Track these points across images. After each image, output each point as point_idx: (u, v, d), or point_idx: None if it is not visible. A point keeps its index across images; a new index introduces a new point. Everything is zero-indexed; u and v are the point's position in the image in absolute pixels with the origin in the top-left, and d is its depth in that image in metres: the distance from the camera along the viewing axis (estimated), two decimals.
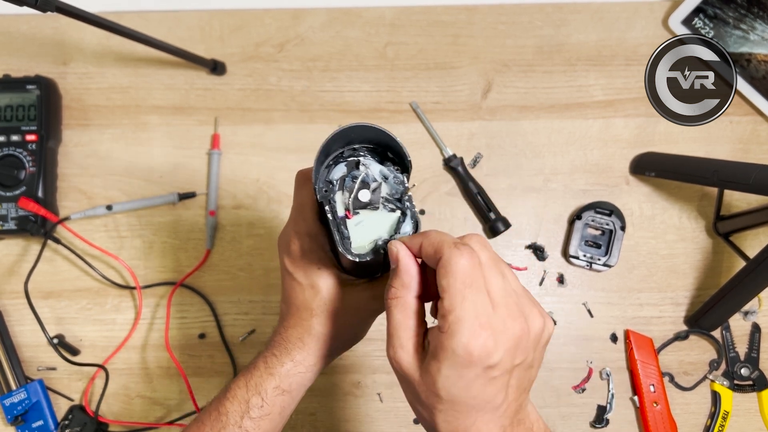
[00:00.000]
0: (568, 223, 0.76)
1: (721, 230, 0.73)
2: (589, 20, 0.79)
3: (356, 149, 0.41)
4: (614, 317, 0.74)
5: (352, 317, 0.47)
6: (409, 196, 0.40)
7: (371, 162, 0.41)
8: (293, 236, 0.46)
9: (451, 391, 0.35)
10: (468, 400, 0.35)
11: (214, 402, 0.48)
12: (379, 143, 0.41)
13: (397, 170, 0.41)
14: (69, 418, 0.71)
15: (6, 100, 0.74)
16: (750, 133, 0.77)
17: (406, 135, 0.77)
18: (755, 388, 0.72)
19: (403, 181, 0.41)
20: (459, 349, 0.33)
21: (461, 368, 0.34)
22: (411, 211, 0.40)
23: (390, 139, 0.39)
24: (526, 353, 0.36)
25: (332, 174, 0.41)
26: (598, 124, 0.77)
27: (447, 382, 0.35)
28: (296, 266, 0.46)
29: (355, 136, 0.40)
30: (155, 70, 0.78)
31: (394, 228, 0.40)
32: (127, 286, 0.74)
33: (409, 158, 0.40)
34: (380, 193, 0.41)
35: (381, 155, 0.42)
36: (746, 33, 0.75)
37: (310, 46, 0.79)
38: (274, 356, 0.47)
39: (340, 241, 0.39)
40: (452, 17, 0.79)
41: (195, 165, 0.77)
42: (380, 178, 0.41)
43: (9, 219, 0.72)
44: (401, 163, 0.41)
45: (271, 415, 0.46)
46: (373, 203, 0.40)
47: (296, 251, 0.46)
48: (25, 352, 0.74)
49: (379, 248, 0.39)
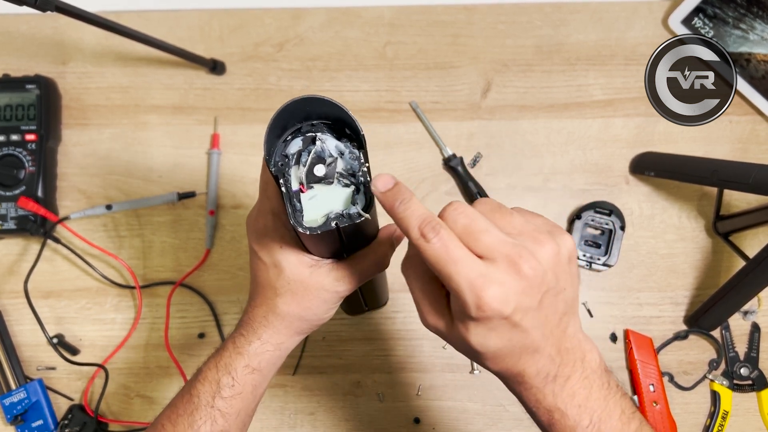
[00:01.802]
0: (567, 223, 0.76)
1: (720, 230, 0.73)
2: (589, 20, 0.79)
3: (314, 125, 0.41)
4: (614, 317, 0.74)
5: (315, 298, 0.46)
6: (363, 171, 0.40)
7: (328, 137, 0.41)
8: (257, 215, 0.46)
9: (486, 345, 0.36)
10: (505, 348, 0.36)
11: (185, 386, 0.48)
12: (335, 119, 0.41)
13: (354, 146, 0.41)
14: (69, 417, 0.71)
15: (5, 99, 0.74)
16: (749, 132, 0.77)
17: (406, 135, 0.77)
18: (755, 388, 0.72)
19: (359, 157, 0.41)
20: (473, 313, 0.34)
21: (485, 326, 0.35)
22: (366, 186, 0.40)
23: (343, 113, 0.39)
24: (546, 283, 0.35)
25: (288, 148, 0.41)
26: (597, 123, 0.77)
27: (478, 338, 0.36)
28: (260, 245, 0.46)
29: (312, 111, 0.40)
30: (155, 70, 0.78)
31: (348, 202, 0.40)
32: (126, 285, 0.74)
33: (362, 132, 0.40)
34: (335, 168, 0.41)
35: (338, 132, 0.42)
36: (746, 33, 0.75)
37: (310, 46, 0.79)
38: (242, 336, 0.47)
39: (292, 214, 0.39)
40: (451, 17, 0.79)
41: (194, 165, 0.77)
42: (336, 154, 0.41)
43: (8, 218, 0.72)
44: (357, 138, 0.41)
45: (242, 394, 0.47)
46: (327, 178, 0.40)
47: (260, 229, 0.46)
48: (24, 351, 0.74)
49: (330, 221, 0.39)
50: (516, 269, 0.34)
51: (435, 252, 0.34)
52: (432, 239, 0.34)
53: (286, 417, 0.73)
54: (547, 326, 0.37)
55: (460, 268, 0.34)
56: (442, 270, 0.34)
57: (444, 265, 0.34)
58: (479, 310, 0.34)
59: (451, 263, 0.34)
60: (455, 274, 0.34)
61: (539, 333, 0.36)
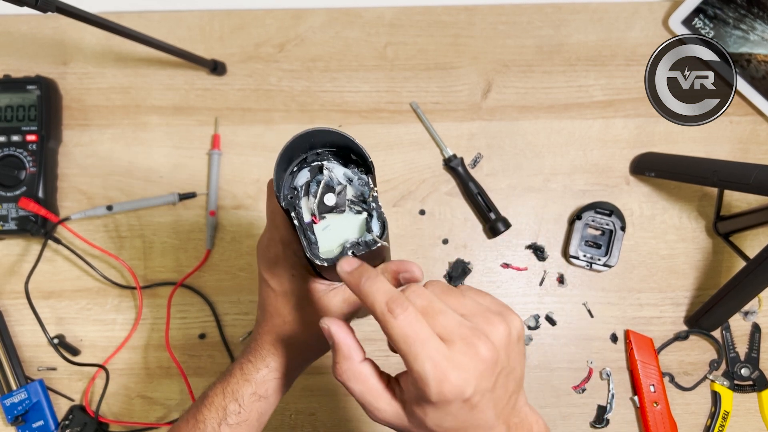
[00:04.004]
0: (568, 223, 0.76)
1: (721, 230, 0.73)
2: (589, 20, 0.79)
3: (319, 153, 0.41)
4: (614, 317, 0.74)
5: None
6: (374, 196, 0.40)
7: (335, 165, 0.41)
8: (268, 244, 0.47)
9: (442, 426, 0.36)
10: (461, 428, 0.36)
11: (191, 410, 0.48)
12: (341, 146, 0.41)
13: (361, 171, 0.41)
14: (69, 418, 0.71)
15: (6, 100, 0.74)
16: (750, 133, 0.77)
17: (406, 135, 0.77)
18: (755, 388, 0.72)
19: (368, 182, 0.41)
20: (433, 397, 0.34)
21: (443, 410, 0.35)
22: (377, 211, 0.40)
23: (349, 141, 0.39)
24: (500, 363, 0.36)
25: (296, 180, 0.41)
26: (597, 124, 0.78)
27: (435, 421, 0.36)
28: (271, 273, 0.47)
29: (316, 140, 0.40)
30: (155, 70, 0.78)
31: (363, 229, 0.40)
32: (127, 286, 0.75)
33: (370, 159, 0.40)
34: (345, 195, 0.41)
35: (344, 158, 0.41)
36: (746, 33, 0.75)
37: (310, 47, 0.79)
38: (249, 362, 0.48)
39: (308, 247, 0.39)
40: (452, 17, 0.79)
41: (195, 165, 0.77)
42: (344, 181, 0.41)
43: (9, 219, 0.73)
44: (365, 164, 0.41)
45: (248, 421, 0.47)
46: (339, 206, 0.40)
47: (271, 259, 0.46)
48: (25, 352, 0.74)
49: (346, 250, 0.39)
50: (474, 351, 0.35)
51: (402, 329, 0.34)
52: (399, 315, 0.34)
53: (287, 417, 0.73)
54: (500, 404, 0.37)
55: (424, 349, 0.34)
56: (408, 348, 0.34)
57: (411, 344, 0.34)
58: (440, 394, 0.34)
59: (419, 342, 0.34)
60: (420, 354, 0.34)
61: (493, 412, 0.37)
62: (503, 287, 0.75)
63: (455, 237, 0.76)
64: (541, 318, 0.74)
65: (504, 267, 0.75)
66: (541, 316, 0.74)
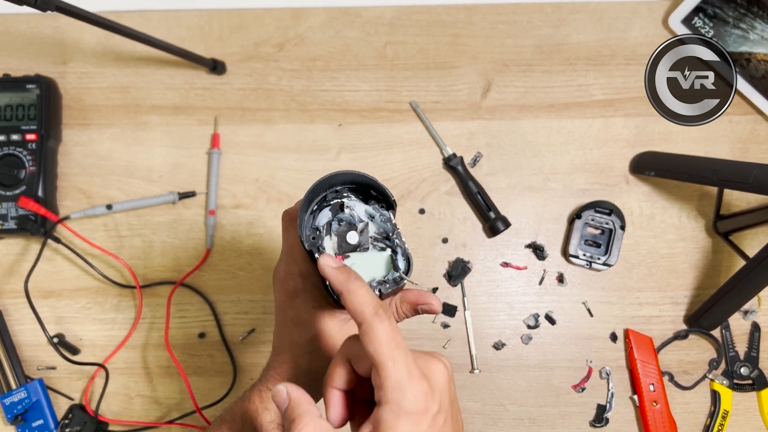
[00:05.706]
0: (567, 223, 0.76)
1: (720, 229, 0.73)
2: (589, 20, 0.79)
3: (338, 191, 0.41)
4: (614, 316, 0.74)
5: None
6: (397, 232, 0.40)
7: (356, 203, 0.41)
8: (285, 276, 0.46)
9: None
10: None
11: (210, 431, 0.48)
12: (360, 183, 0.41)
13: (382, 207, 0.41)
14: (69, 417, 0.71)
15: (6, 99, 0.74)
16: (749, 132, 0.77)
17: (406, 134, 0.77)
18: (755, 388, 0.72)
19: (390, 218, 0.40)
20: (409, 407, 0.34)
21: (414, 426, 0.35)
22: (401, 248, 0.40)
23: (371, 180, 0.39)
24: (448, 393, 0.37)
25: (318, 220, 0.41)
26: (597, 123, 0.78)
27: None
28: (291, 306, 0.46)
29: (336, 180, 0.40)
30: (155, 70, 0.78)
31: (389, 267, 0.40)
32: (127, 285, 0.75)
33: (392, 198, 0.40)
34: (368, 233, 0.40)
35: (364, 193, 0.41)
36: (746, 32, 0.75)
37: (310, 46, 0.79)
38: (269, 390, 0.47)
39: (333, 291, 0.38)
40: (452, 17, 0.79)
41: (195, 164, 0.77)
42: (366, 218, 0.41)
43: (9, 218, 0.73)
44: (386, 200, 0.40)
45: None
46: (362, 245, 0.40)
47: (290, 291, 0.46)
48: (25, 351, 0.74)
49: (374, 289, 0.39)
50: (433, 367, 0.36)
51: (387, 332, 0.35)
52: (385, 320, 0.35)
53: None
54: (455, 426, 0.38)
55: (401, 354, 0.34)
56: (391, 351, 0.34)
57: (394, 347, 0.34)
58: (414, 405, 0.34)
59: (402, 347, 0.35)
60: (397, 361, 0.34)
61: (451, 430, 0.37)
62: (503, 286, 0.75)
63: (455, 236, 0.76)
64: (540, 317, 0.74)
65: (504, 266, 0.75)
66: (541, 315, 0.74)
